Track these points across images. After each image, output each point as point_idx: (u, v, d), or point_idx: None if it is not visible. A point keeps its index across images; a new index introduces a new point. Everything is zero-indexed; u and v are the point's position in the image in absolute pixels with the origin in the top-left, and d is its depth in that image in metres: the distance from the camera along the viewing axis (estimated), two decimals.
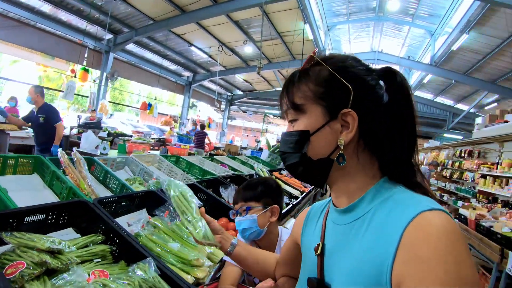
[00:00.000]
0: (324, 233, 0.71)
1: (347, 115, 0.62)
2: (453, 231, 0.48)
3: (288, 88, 0.69)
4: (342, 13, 14.32)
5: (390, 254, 0.50)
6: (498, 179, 6.10)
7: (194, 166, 3.19)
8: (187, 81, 15.99)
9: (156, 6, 9.03)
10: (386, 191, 0.61)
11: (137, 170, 2.41)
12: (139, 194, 1.78)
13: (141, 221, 1.61)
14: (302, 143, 0.64)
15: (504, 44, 9.16)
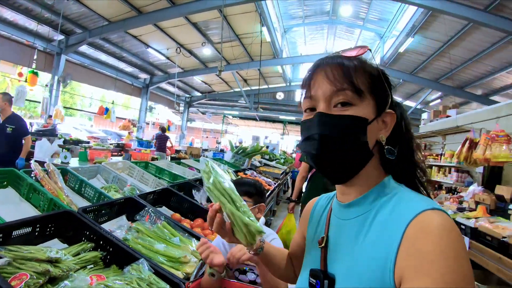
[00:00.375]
0: (328, 227, 0.74)
1: (387, 115, 0.66)
2: (453, 230, 0.51)
3: (348, 69, 0.65)
4: (297, 16, 14.79)
5: (394, 249, 0.53)
6: (442, 168, 6.72)
7: (164, 171, 3.24)
8: (144, 84, 15.58)
9: (111, 7, 8.77)
10: (390, 190, 0.65)
11: (110, 177, 2.43)
12: (118, 201, 1.84)
13: (122, 227, 1.68)
14: (361, 130, 0.62)
15: (444, 47, 10.04)
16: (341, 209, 0.71)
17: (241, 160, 6.08)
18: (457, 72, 11.28)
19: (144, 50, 12.15)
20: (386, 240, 0.55)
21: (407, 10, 10.99)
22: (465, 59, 10.33)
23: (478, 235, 3.27)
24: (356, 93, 0.63)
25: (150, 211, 1.77)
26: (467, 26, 8.46)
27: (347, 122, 0.62)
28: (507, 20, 7.31)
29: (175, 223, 1.78)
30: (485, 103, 11.67)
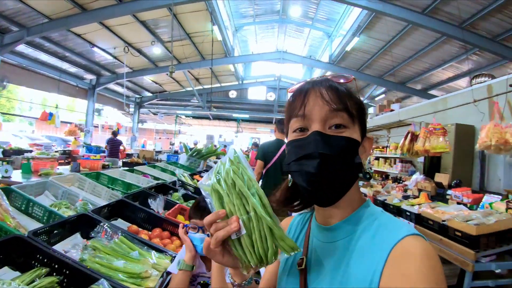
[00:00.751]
0: (308, 248, 0.75)
1: (367, 140, 0.71)
2: (433, 256, 0.54)
3: (342, 93, 0.67)
4: (248, 15, 14.89)
5: (378, 272, 0.55)
6: (388, 159, 7.20)
7: (117, 181, 3.12)
8: (90, 85, 14.67)
9: (51, 3, 8.12)
10: (371, 214, 0.67)
11: (59, 193, 2.29)
12: (70, 219, 1.75)
13: (77, 246, 1.62)
14: (354, 151, 0.65)
15: (387, 46, 10.69)
16: (323, 232, 0.71)
17: (196, 162, 6.03)
18: (399, 69, 12.09)
19: (90, 49, 11.43)
20: (370, 264, 0.58)
21: (353, 11, 11.53)
22: (406, 57, 11.10)
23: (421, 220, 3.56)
24: (350, 117, 0.66)
25: (105, 227, 1.72)
26: (407, 27, 9.10)
27: (344, 143, 0.64)
28: (441, 22, 8.00)
29: (132, 237, 1.75)
30: (424, 97, 12.64)
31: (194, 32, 11.34)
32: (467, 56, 9.53)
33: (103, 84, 14.76)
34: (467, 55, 9.42)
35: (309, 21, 14.89)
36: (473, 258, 2.56)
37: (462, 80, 11.57)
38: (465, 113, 5.42)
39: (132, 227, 2.13)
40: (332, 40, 14.88)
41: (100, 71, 14.05)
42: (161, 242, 2.04)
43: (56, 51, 11.17)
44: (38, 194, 2.28)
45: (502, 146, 3.42)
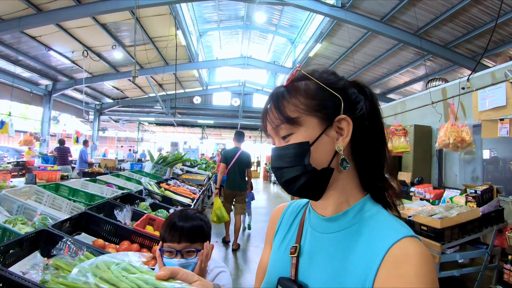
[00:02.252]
0: (301, 236, 0.74)
1: (342, 121, 0.65)
2: (430, 259, 0.55)
3: (278, 104, 0.68)
4: (212, 20, 14.83)
5: (373, 270, 0.56)
6: None
7: (79, 192, 2.93)
8: (46, 91, 13.76)
9: (3, 3, 7.55)
10: (369, 210, 0.66)
11: (15, 208, 2.09)
12: (28, 236, 1.60)
13: (37, 266, 1.47)
14: (302, 155, 0.64)
15: (348, 52, 11.08)
16: (320, 222, 0.71)
17: (162, 170, 5.84)
18: (359, 74, 12.56)
19: (45, 53, 10.75)
20: (366, 261, 0.58)
21: (315, 19, 11.84)
22: (366, 63, 11.57)
23: None
24: (290, 123, 0.65)
25: (68, 242, 1.57)
26: (367, 34, 9.49)
27: (290, 151, 0.65)
28: (398, 30, 8.44)
29: (99, 252, 1.62)
30: (383, 101, 13.21)
31: (157, 36, 11.08)
32: (422, 62, 10.11)
33: (60, 90, 13.93)
34: (422, 61, 9.98)
35: (273, 27, 15.09)
36: (439, 250, 2.68)
37: (418, 84, 12.26)
38: (422, 115, 5.72)
39: (98, 241, 1.99)
40: (296, 46, 15.18)
41: (56, 76, 13.28)
42: None
43: (8, 54, 10.37)
44: None
45: (459, 144, 3.64)
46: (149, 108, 19.49)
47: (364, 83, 0.73)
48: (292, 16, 13.49)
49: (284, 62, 17.48)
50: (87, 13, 8.10)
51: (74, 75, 13.36)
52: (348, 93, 0.68)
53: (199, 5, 13.04)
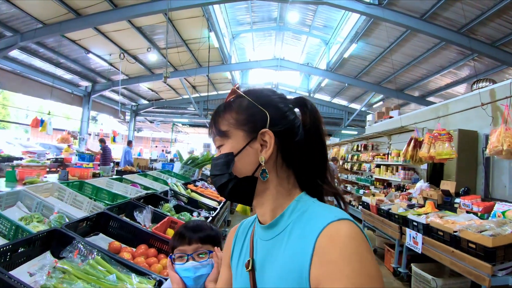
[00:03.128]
0: (253, 249, 0.76)
1: (265, 134, 0.70)
2: (356, 237, 0.56)
3: (215, 118, 0.77)
4: (245, 22, 14.82)
5: (307, 261, 0.57)
6: (389, 167, 6.99)
7: (102, 191, 2.90)
8: (86, 92, 14.47)
9: (46, 8, 7.97)
10: (303, 206, 0.68)
11: (33, 204, 2.06)
12: (39, 235, 1.53)
13: (45, 267, 1.39)
14: (228, 164, 0.71)
15: (385, 52, 10.60)
16: (263, 230, 0.74)
17: (191, 171, 5.81)
18: (397, 76, 11.98)
19: (85, 55, 11.26)
20: (300, 254, 0.59)
21: (350, 18, 11.46)
22: (404, 63, 11.00)
23: (430, 230, 3.36)
24: (221, 136, 0.74)
25: (79, 245, 1.50)
26: (406, 33, 9.00)
27: (219, 161, 0.73)
28: (440, 27, 7.90)
29: (110, 256, 1.53)
30: (422, 104, 12.55)
31: (190, 38, 11.21)
32: (466, 62, 9.44)
33: (98, 91, 14.57)
34: (466, 60, 9.33)
35: (306, 28, 14.82)
36: (489, 272, 2.37)
37: (461, 86, 11.49)
38: (466, 119, 5.26)
39: (114, 244, 1.91)
40: (330, 47, 14.81)
41: (95, 78, 13.88)
42: (146, 261, 1.82)
43: (51, 57, 10.97)
44: (9, 205, 2.05)
45: None
46: (182, 109, 19.83)
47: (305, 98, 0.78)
48: (326, 16, 13.16)
49: (318, 63, 17.12)
50: (123, 17, 8.34)
51: (112, 77, 13.87)
52: (278, 107, 0.73)
53: (232, 7, 13.07)
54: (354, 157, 9.77)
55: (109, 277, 1.40)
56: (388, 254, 4.72)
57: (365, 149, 9.11)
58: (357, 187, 8.93)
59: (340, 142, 12.28)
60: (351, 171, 10.20)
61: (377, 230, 5.09)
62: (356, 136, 10.48)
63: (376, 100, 16.58)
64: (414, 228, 3.69)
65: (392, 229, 4.32)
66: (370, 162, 8.35)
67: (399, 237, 4.11)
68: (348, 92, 17.48)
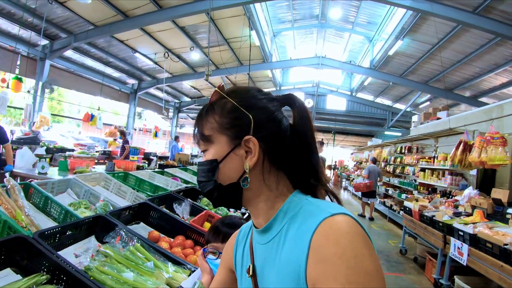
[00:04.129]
0: (253, 254, 0.75)
1: (249, 141, 0.66)
2: (350, 231, 0.54)
3: (198, 121, 0.74)
4: (287, 20, 14.75)
5: (303, 261, 0.55)
6: (435, 171, 6.62)
7: (144, 182, 3.04)
8: (132, 89, 15.30)
9: (96, 11, 8.54)
10: (296, 206, 0.66)
11: (82, 192, 2.22)
12: (85, 220, 1.64)
13: (90, 250, 1.48)
14: (213, 171, 0.69)
15: (434, 49, 10.03)
16: (259, 235, 0.72)
17: None
18: (446, 74, 11.28)
19: (132, 55, 11.90)
20: (296, 254, 0.57)
21: (396, 13, 10.99)
22: (454, 61, 10.34)
23: (477, 241, 3.15)
24: (205, 140, 0.71)
25: (121, 231, 1.58)
26: (456, 28, 8.46)
27: (204, 167, 0.70)
28: (495, 21, 7.31)
29: (149, 245, 1.60)
30: (474, 105, 11.71)
31: (232, 37, 11.37)
32: None
33: (144, 89, 15.29)
34: None
35: (349, 25, 14.44)
36: None
37: None
38: None
39: (153, 233, 1.99)
40: (374, 44, 14.31)
41: (141, 76, 14.57)
42: (183, 252, 1.88)
43: (101, 56, 11.73)
44: (61, 192, 2.22)
45: None
46: None
47: (294, 95, 0.75)
48: (370, 12, 12.73)
49: (361, 61, 16.63)
50: (167, 17, 8.65)
51: (157, 75, 14.48)
52: (265, 108, 0.70)
53: (273, 5, 13.06)
54: (397, 159, 9.38)
55: (147, 264, 1.46)
56: (430, 263, 4.48)
57: (409, 152, 8.72)
58: (399, 191, 8.57)
59: (383, 143, 11.85)
60: (393, 174, 9.80)
61: (419, 237, 4.84)
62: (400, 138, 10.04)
63: (423, 100, 15.77)
64: (459, 238, 3.47)
65: (435, 237, 4.08)
66: (414, 166, 7.98)
67: (442, 246, 3.87)
68: (392, 91, 16.79)
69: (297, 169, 0.70)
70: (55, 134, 13.66)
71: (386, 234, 7.04)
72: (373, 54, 14.26)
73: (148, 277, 1.34)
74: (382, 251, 5.56)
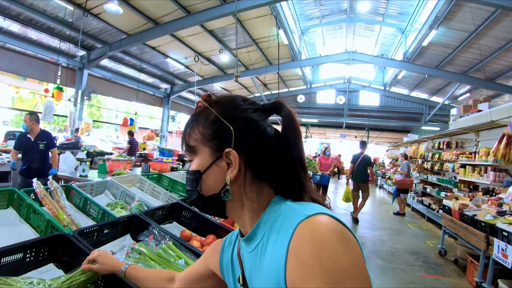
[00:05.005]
0: (242, 263, 0.76)
1: (229, 154, 0.67)
2: (324, 231, 0.53)
3: (185, 131, 0.75)
4: (314, 17, 14.57)
5: (282, 266, 0.55)
6: (477, 167, 6.27)
7: (177, 183, 3.13)
8: (165, 93, 15.82)
9: (128, 20, 8.94)
10: (275, 212, 0.66)
11: (118, 193, 2.33)
12: (121, 220, 1.73)
13: (125, 248, 1.56)
14: (196, 181, 0.70)
15: (471, 37, 9.52)
16: (244, 243, 0.73)
17: None
18: (486, 63, 10.66)
19: (163, 60, 12.33)
20: (275, 261, 0.57)
21: (428, 2, 10.53)
22: (495, 48, 9.75)
23: None
24: (189, 151, 0.73)
25: (154, 230, 1.65)
26: (496, 13, 7.96)
27: (189, 177, 0.73)
28: None
29: (181, 243, 1.65)
30: None
31: (260, 37, 11.43)
32: None
33: (176, 93, 15.75)
34: None
35: (380, 17, 14.02)
36: None
37: None
38: None
39: (185, 232, 2.05)
40: (407, 35, 13.79)
41: (173, 80, 15.02)
42: None
43: (135, 63, 12.26)
44: (99, 193, 2.35)
45: None
46: None
47: (282, 101, 0.74)
48: (401, 2, 12.29)
49: (394, 54, 16.08)
50: (195, 22, 8.87)
51: (188, 79, 14.87)
52: (248, 119, 0.69)
53: (299, 2, 12.97)
54: (435, 155, 8.99)
55: (178, 261, 1.51)
56: (471, 266, 4.24)
57: (448, 147, 8.32)
58: (438, 189, 8.19)
59: (419, 139, 11.38)
60: (431, 171, 9.39)
61: (459, 238, 4.59)
62: (437, 133, 9.60)
63: (462, 92, 14.96)
64: (504, 238, 3.26)
65: (477, 238, 3.85)
66: (453, 162, 7.60)
67: (485, 247, 3.65)
68: (428, 84, 16.09)
69: (279, 178, 0.70)
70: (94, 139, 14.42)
71: (424, 234, 6.76)
72: (406, 46, 13.74)
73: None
74: (419, 252, 5.35)
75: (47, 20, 8.30)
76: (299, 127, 0.72)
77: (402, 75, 16.35)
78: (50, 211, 1.66)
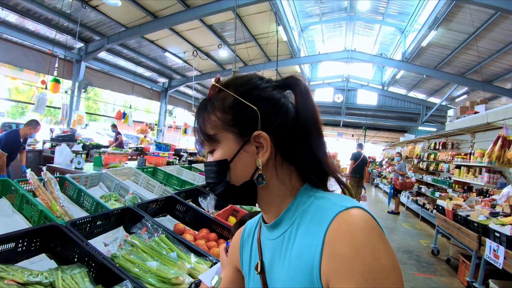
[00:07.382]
0: (261, 250, 0.73)
1: (259, 137, 0.63)
2: (366, 226, 0.52)
3: (198, 120, 0.69)
4: (314, 14, 14.54)
5: (317, 256, 0.54)
6: (471, 168, 6.32)
7: (172, 177, 3.13)
8: (163, 88, 15.74)
9: (127, 13, 8.85)
10: (307, 200, 0.64)
11: (113, 185, 2.33)
12: (114, 212, 1.73)
13: (118, 240, 1.57)
14: (223, 172, 0.65)
15: (470, 39, 9.53)
16: (268, 229, 0.71)
17: None
18: (484, 65, 10.68)
19: (162, 54, 12.23)
20: (309, 249, 0.56)
21: (428, 2, 10.54)
22: (493, 51, 9.77)
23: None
24: (210, 140, 0.67)
25: (147, 223, 1.66)
26: (495, 16, 7.98)
27: (213, 168, 0.66)
28: None
29: (174, 236, 1.66)
30: None
31: (259, 33, 11.37)
32: None
33: (174, 87, 15.68)
34: None
35: (379, 16, 14.01)
36: None
37: None
38: None
39: (178, 225, 2.06)
40: (406, 35, 13.80)
41: (171, 74, 14.94)
42: (206, 245, 1.93)
43: (133, 57, 12.17)
44: (94, 185, 2.35)
45: None
46: None
47: (297, 77, 0.70)
48: (401, 2, 12.29)
49: (393, 54, 16.09)
50: (194, 16, 8.79)
51: (186, 73, 14.79)
52: (270, 98, 0.66)
53: None
54: (430, 156, 9.04)
55: (170, 254, 1.52)
56: (463, 266, 4.28)
57: (443, 148, 8.37)
58: (433, 189, 8.25)
59: (416, 139, 11.43)
60: (426, 171, 9.45)
61: (452, 238, 4.64)
62: (434, 133, 9.63)
63: (459, 94, 15.01)
64: (495, 239, 3.29)
65: (469, 238, 3.90)
66: (449, 162, 7.66)
67: (477, 248, 3.69)
68: (426, 84, 16.14)
69: (305, 160, 0.66)
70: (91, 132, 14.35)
71: (417, 234, 6.81)
72: (405, 46, 13.75)
73: (171, 267, 1.39)
74: (412, 251, 5.39)
75: (44, 11, 8.18)
76: (316, 105, 0.68)
77: (400, 75, 16.38)
78: (43, 201, 1.66)
